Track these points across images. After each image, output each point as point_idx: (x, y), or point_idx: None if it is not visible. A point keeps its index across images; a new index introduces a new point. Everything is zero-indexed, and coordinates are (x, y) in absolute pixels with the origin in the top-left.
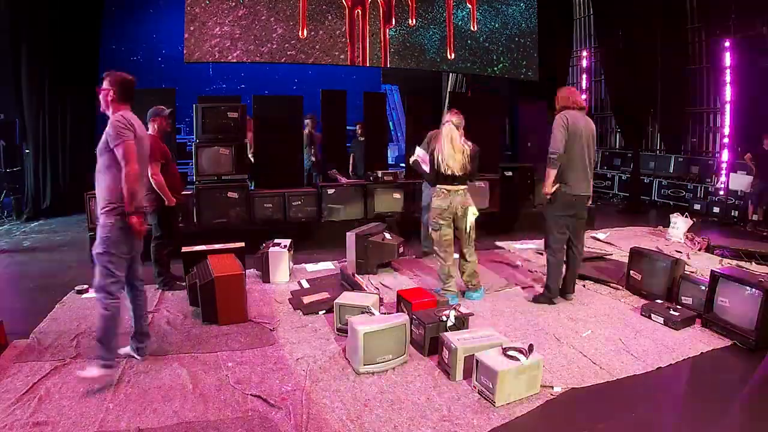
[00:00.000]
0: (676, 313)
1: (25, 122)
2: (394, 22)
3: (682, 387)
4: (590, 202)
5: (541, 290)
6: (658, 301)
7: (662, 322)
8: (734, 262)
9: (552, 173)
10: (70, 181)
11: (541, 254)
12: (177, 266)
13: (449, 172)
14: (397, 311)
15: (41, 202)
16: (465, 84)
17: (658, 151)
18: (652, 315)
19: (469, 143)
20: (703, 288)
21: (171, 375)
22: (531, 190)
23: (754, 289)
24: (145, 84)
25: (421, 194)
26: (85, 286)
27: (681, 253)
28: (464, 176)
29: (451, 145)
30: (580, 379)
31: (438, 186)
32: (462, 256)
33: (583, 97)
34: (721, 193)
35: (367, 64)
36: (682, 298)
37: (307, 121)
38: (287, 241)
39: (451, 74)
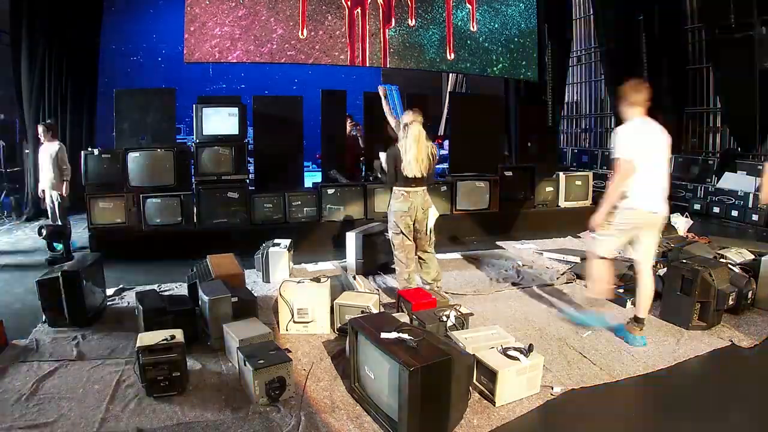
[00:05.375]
0: None
1: (25, 122)
2: (393, 23)
3: (683, 388)
4: None
5: (540, 289)
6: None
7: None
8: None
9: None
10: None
11: (541, 254)
12: None
13: (411, 174)
14: (398, 311)
15: (41, 202)
16: (465, 84)
17: None
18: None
19: (431, 143)
20: None
21: None
22: (531, 190)
23: None
24: (145, 84)
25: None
26: None
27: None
28: (423, 178)
29: (418, 145)
30: (580, 380)
31: (397, 188)
32: (422, 259)
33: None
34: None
35: (367, 64)
36: None
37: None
38: (287, 241)
39: (451, 74)
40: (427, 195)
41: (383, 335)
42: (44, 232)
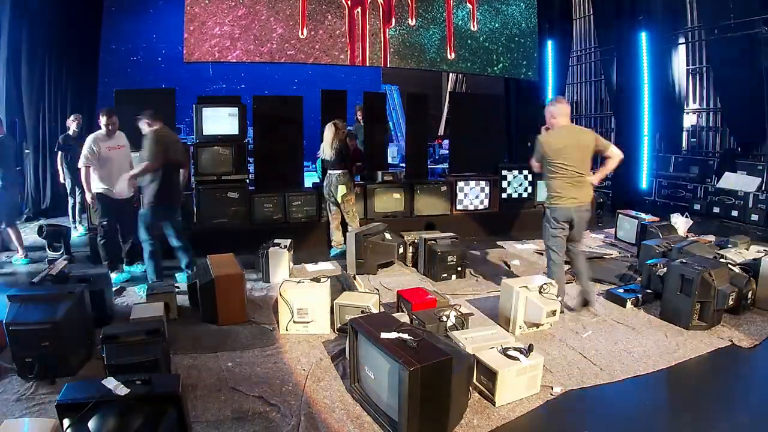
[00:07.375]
0: None
1: (25, 122)
2: (393, 22)
3: (683, 388)
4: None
5: None
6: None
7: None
8: None
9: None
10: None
11: (541, 254)
12: None
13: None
14: (398, 311)
15: (41, 202)
16: (465, 84)
17: (658, 152)
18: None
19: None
20: None
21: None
22: (531, 190)
23: None
24: (145, 84)
25: None
26: None
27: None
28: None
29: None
30: (580, 380)
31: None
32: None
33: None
34: None
35: (367, 64)
36: None
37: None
38: (287, 241)
39: (451, 74)
40: (342, 177)
41: (383, 335)
42: (44, 232)
